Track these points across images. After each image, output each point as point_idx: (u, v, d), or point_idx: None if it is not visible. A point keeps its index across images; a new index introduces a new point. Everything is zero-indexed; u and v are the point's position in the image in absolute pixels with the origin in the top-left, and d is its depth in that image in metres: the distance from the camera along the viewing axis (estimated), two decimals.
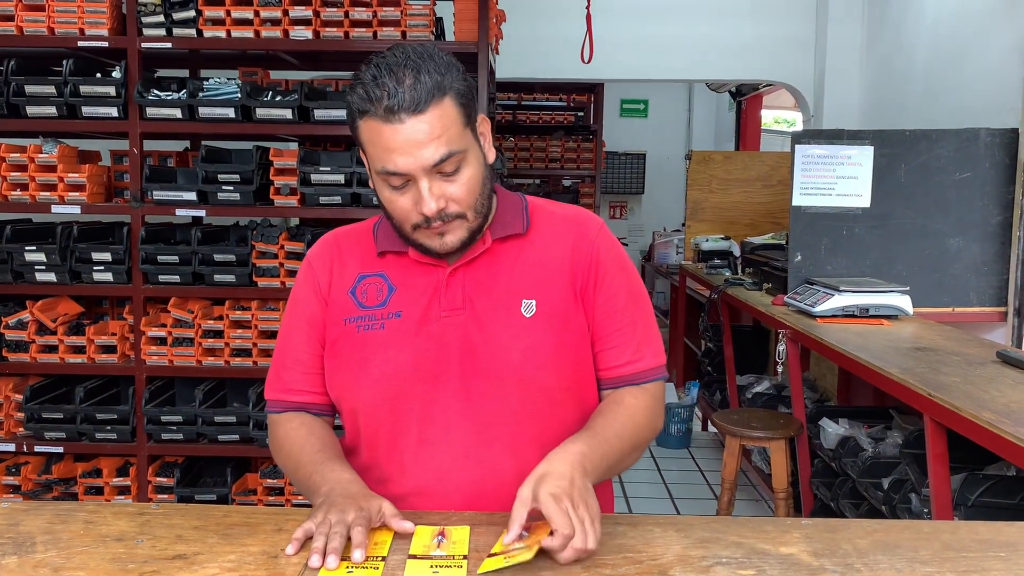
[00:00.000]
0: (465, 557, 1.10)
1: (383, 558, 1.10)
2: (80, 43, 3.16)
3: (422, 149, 1.22)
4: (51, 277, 3.23)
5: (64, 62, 3.17)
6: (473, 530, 1.18)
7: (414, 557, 1.10)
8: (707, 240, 4.88)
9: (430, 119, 1.22)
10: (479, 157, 1.31)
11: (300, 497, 3.27)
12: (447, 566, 1.08)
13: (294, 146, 3.83)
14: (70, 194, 3.22)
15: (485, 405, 1.31)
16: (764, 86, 6.56)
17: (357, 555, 1.08)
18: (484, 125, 1.34)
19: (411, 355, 1.32)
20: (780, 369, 3.14)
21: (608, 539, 1.17)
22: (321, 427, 1.41)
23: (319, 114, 3.18)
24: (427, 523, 1.20)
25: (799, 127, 8.88)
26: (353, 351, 1.35)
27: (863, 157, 3.35)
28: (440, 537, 1.15)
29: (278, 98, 3.22)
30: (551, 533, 1.08)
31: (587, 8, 4.50)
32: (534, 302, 1.34)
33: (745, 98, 7.33)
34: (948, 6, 3.96)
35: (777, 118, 9.03)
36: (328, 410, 1.44)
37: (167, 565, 1.07)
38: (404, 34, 3.15)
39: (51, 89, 3.15)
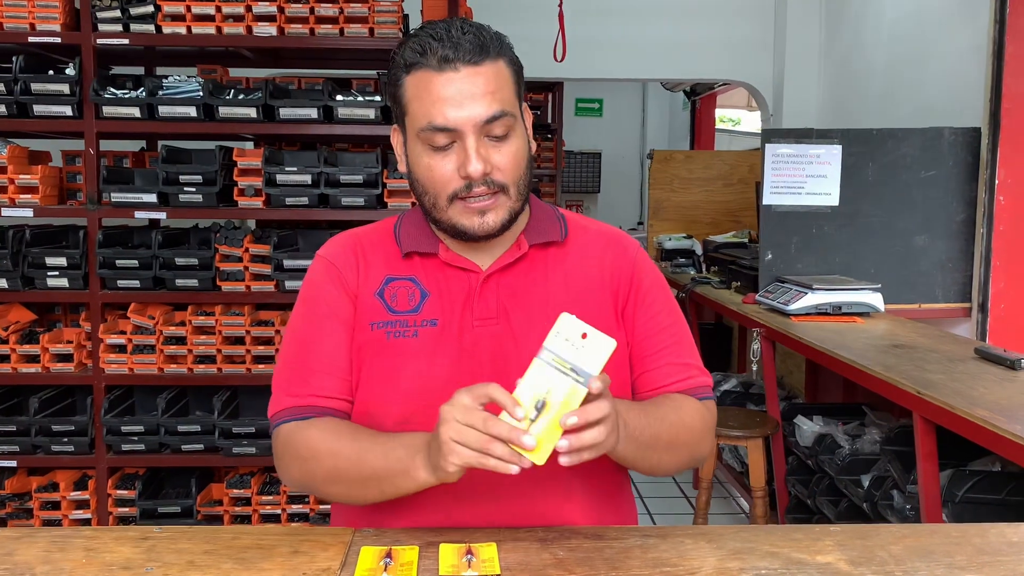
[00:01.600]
0: None
1: None
2: (31, 38, 3.01)
3: (475, 102, 1.16)
4: (2, 283, 3.07)
5: (14, 58, 3.03)
6: (500, 546, 1.13)
7: None
8: (670, 239, 4.88)
9: (487, 72, 1.17)
10: (525, 135, 1.25)
11: (269, 508, 3.18)
12: None
13: (250, 146, 3.73)
14: (21, 196, 3.07)
15: None
16: (720, 85, 6.61)
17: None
18: (528, 113, 1.28)
19: (446, 367, 1.24)
20: (755, 368, 3.15)
21: (641, 552, 1.13)
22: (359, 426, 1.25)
23: (284, 113, 3.08)
24: (449, 540, 1.15)
25: (744, 127, 9.02)
26: (381, 360, 1.25)
27: (831, 156, 3.37)
28: (469, 555, 1.10)
29: (241, 96, 3.12)
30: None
31: (559, 7, 4.47)
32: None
33: (700, 97, 7.38)
34: (906, 7, 4.02)
35: (723, 117, 9.13)
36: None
37: None
38: (372, 31, 3.08)
39: (0, 87, 3.00)
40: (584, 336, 1.02)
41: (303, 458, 1.21)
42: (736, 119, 9.62)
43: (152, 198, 3.07)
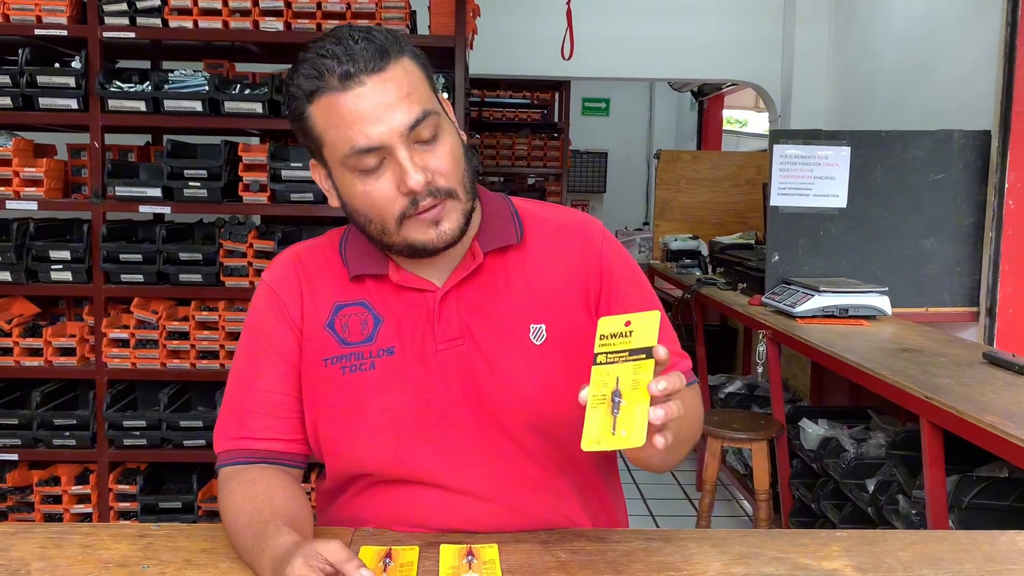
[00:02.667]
0: None
1: None
2: (37, 31, 3.00)
3: (393, 111, 1.07)
4: (6, 276, 3.07)
5: (20, 51, 3.02)
6: (501, 548, 1.12)
7: None
8: (676, 239, 4.86)
9: (394, 76, 1.07)
10: (453, 129, 1.15)
11: None
12: None
13: (256, 141, 3.72)
14: (26, 189, 3.06)
15: (503, 444, 1.18)
16: (728, 86, 6.58)
17: None
18: (446, 103, 1.19)
19: (412, 398, 1.17)
20: (760, 370, 3.13)
21: (646, 556, 1.11)
22: (285, 487, 1.15)
23: None
24: (451, 542, 1.13)
25: (751, 128, 8.98)
26: (340, 398, 1.17)
27: (840, 157, 3.35)
28: (470, 557, 1.08)
29: (247, 91, 3.11)
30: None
31: (567, 5, 4.45)
32: (543, 327, 1.20)
33: (707, 98, 7.35)
34: (917, 8, 3.99)
35: (729, 118, 9.10)
36: (302, 460, 1.23)
37: None
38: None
39: (6, 79, 2.99)
40: (628, 324, 0.99)
41: (221, 515, 1.16)
42: (743, 120, 9.58)
43: (157, 192, 3.06)
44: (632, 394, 0.96)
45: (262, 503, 1.10)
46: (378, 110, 1.06)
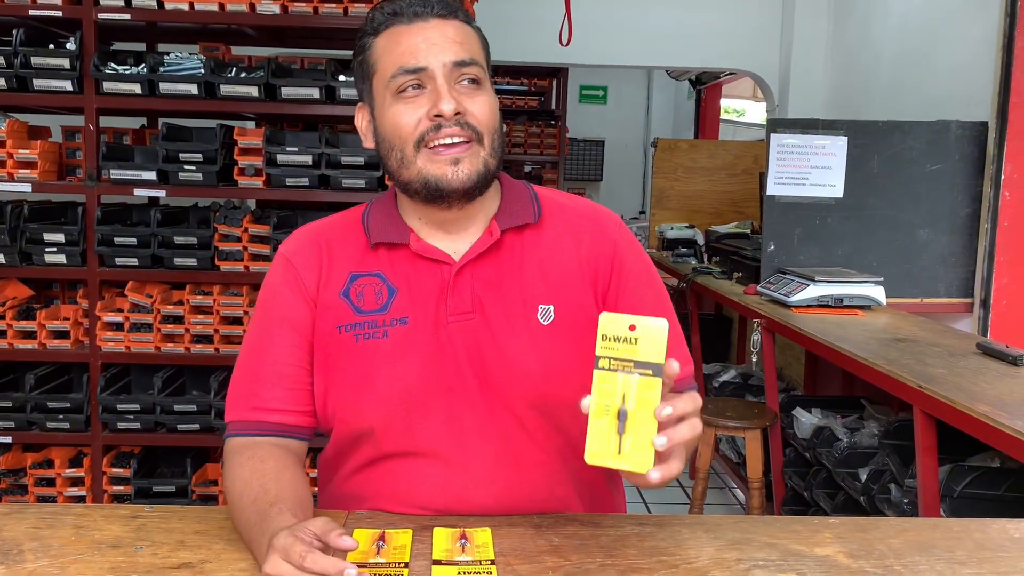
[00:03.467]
0: (493, 562, 1.04)
1: (405, 564, 1.02)
2: (31, 12, 2.97)
3: (445, 47, 1.17)
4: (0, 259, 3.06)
5: (14, 31, 2.99)
6: (495, 532, 1.12)
7: (438, 563, 1.03)
8: (672, 228, 4.86)
9: (456, 26, 1.19)
10: (495, 101, 1.23)
11: None
12: (476, 572, 1.01)
13: (252, 125, 3.71)
14: (20, 171, 3.04)
15: (505, 420, 1.20)
16: (726, 75, 6.57)
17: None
18: (495, 96, 1.27)
19: (421, 368, 1.18)
20: (754, 359, 3.13)
21: (638, 540, 1.11)
22: (293, 471, 1.17)
23: (286, 92, 3.06)
24: (444, 525, 1.13)
25: (749, 117, 8.97)
26: (353, 365, 1.20)
27: (837, 147, 3.35)
28: (463, 540, 1.08)
29: (243, 74, 3.08)
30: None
31: None
32: (552, 308, 1.21)
33: (705, 87, 7.34)
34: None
35: (727, 107, 9.09)
36: (309, 433, 1.25)
37: (173, 575, 0.98)
38: (374, 4, 3.04)
39: (0, 60, 2.97)
40: (632, 328, 0.95)
41: (225, 485, 1.17)
42: (741, 110, 9.57)
43: (151, 175, 3.04)
44: (638, 415, 0.94)
45: (269, 483, 1.11)
46: (431, 42, 1.17)
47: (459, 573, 1.01)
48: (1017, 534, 1.18)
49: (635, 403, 0.94)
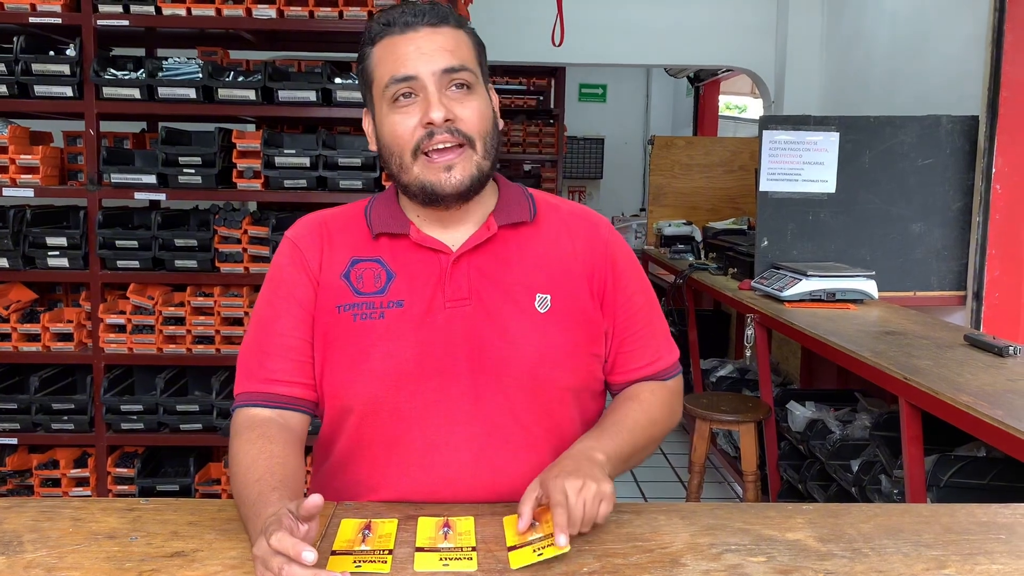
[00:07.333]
0: (474, 549, 1.08)
1: (389, 551, 1.07)
2: (32, 19, 3.02)
3: (434, 56, 1.22)
4: (3, 263, 3.10)
5: (15, 39, 3.04)
6: (477, 520, 1.16)
7: (421, 550, 1.07)
8: (669, 225, 4.89)
9: (446, 33, 1.24)
10: (488, 102, 1.28)
11: None
12: (456, 558, 1.05)
13: (251, 128, 3.74)
14: (22, 176, 3.10)
15: (493, 404, 1.24)
16: (723, 72, 6.59)
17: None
18: (493, 94, 1.32)
19: (414, 348, 1.24)
20: (748, 353, 3.17)
21: (615, 527, 1.15)
22: (298, 456, 1.22)
23: (283, 95, 3.10)
24: (429, 514, 1.17)
25: (750, 114, 8.99)
26: (348, 343, 1.25)
27: (829, 143, 3.38)
28: (446, 528, 1.12)
29: (240, 78, 3.13)
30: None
31: None
32: (549, 297, 1.28)
33: (703, 84, 7.36)
34: None
35: (728, 104, 9.10)
36: (312, 407, 1.29)
37: (166, 563, 1.02)
38: (371, 14, 3.09)
39: (1, 67, 3.01)
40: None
41: (232, 456, 1.21)
42: (742, 106, 9.58)
43: (152, 179, 3.09)
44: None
45: (275, 465, 1.16)
46: (421, 51, 1.23)
47: (440, 559, 1.05)
48: (984, 518, 1.22)
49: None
